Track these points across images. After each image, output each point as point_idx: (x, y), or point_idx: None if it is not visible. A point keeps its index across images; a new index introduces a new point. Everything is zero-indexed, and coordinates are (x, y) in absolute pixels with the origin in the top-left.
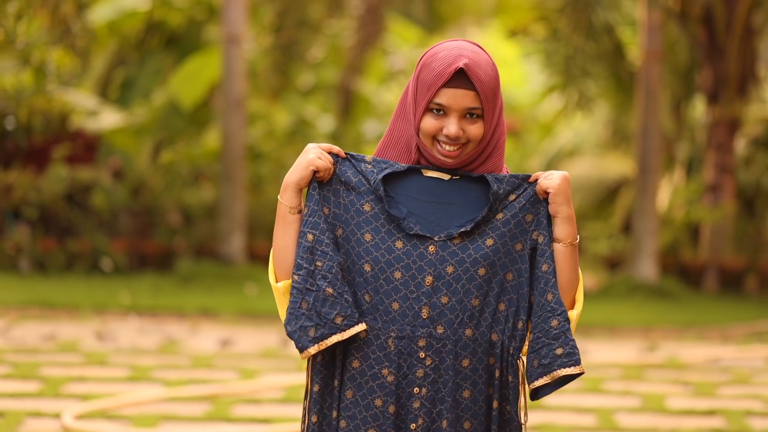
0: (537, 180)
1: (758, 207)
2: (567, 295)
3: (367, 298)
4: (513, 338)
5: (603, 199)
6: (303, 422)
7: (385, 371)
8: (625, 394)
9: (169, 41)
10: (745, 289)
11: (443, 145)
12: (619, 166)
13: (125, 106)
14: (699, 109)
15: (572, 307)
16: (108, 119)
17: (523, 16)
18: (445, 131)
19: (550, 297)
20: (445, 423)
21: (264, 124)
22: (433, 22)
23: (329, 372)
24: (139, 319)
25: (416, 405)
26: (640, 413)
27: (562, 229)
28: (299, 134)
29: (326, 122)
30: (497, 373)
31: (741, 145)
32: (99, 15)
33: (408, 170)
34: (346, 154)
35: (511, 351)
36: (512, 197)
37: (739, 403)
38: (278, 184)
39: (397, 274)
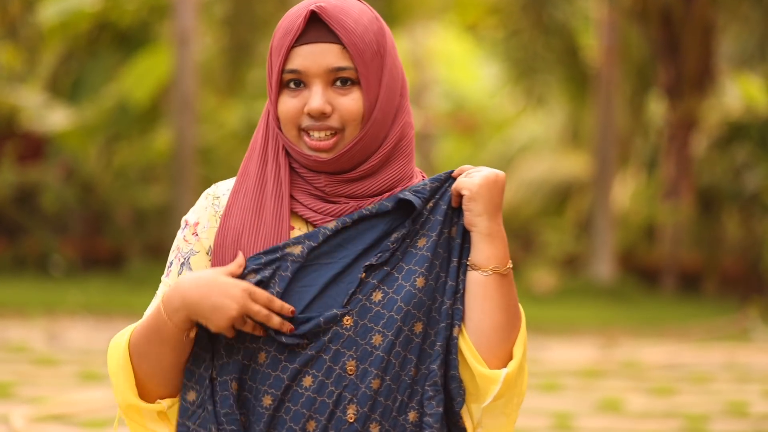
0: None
1: (717, 208)
2: (494, 348)
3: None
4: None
5: (560, 200)
6: None
7: None
8: (583, 396)
9: (120, 39)
10: (703, 290)
11: (311, 134)
12: (572, 165)
13: (75, 103)
14: (655, 107)
15: (504, 364)
16: (57, 119)
17: (476, 13)
18: (306, 108)
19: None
20: None
21: (215, 124)
22: (386, 18)
23: None
24: (91, 320)
25: None
26: (598, 415)
27: (479, 249)
28: (251, 136)
29: None
30: None
31: (701, 147)
32: (48, 13)
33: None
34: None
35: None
36: (430, 205)
37: (697, 405)
38: None
39: (307, 381)
